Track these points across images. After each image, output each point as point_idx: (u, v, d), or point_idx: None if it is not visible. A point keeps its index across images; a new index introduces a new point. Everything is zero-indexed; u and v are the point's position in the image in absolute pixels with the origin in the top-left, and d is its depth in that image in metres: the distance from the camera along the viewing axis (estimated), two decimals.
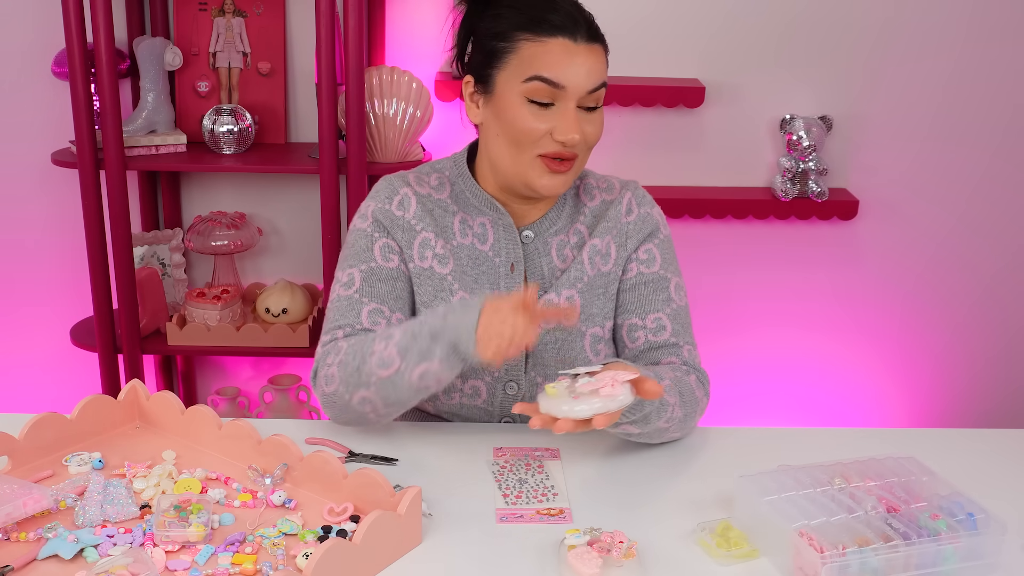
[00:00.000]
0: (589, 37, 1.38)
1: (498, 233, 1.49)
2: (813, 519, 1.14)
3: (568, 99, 1.37)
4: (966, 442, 1.51)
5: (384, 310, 1.43)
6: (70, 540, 1.13)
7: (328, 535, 1.16)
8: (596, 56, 1.38)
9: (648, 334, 1.50)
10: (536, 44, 1.37)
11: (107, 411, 1.40)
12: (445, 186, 1.52)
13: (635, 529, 1.22)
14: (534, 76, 1.36)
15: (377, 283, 1.45)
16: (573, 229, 1.52)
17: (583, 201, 1.54)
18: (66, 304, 2.54)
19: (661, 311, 1.50)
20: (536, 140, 1.38)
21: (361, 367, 1.34)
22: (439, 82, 2.35)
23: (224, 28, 2.36)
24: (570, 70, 1.36)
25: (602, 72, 1.39)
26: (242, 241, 2.38)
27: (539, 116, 1.38)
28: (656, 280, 1.51)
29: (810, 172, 2.44)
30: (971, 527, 1.15)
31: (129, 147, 2.23)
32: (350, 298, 1.44)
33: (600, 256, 1.50)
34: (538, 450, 1.42)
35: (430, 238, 1.47)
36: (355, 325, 1.42)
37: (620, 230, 1.51)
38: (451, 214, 1.50)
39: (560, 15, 1.37)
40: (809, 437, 1.52)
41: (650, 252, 1.52)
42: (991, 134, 2.52)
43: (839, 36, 2.43)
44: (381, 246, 1.46)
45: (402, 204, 1.48)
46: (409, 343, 1.30)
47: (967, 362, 2.72)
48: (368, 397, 1.35)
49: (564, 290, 1.48)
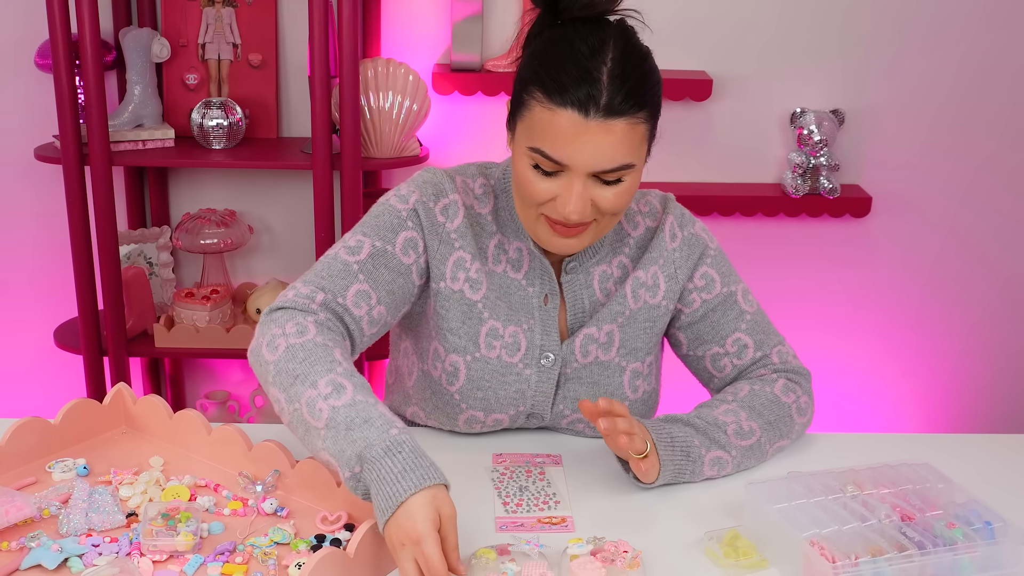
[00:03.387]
0: (609, 112, 1.22)
1: (534, 262, 1.42)
2: (824, 528, 1.14)
3: (574, 174, 1.26)
4: (984, 448, 1.51)
5: (372, 296, 1.33)
6: (54, 549, 1.13)
7: (321, 544, 1.16)
8: (614, 135, 1.23)
9: (732, 359, 1.48)
10: (545, 110, 1.24)
11: (92, 416, 1.40)
12: (488, 198, 1.43)
13: (640, 538, 1.22)
14: (536, 148, 1.26)
15: (382, 268, 1.35)
16: (617, 261, 1.46)
17: (626, 231, 1.47)
18: (50, 305, 2.54)
19: (737, 329, 1.48)
20: (540, 203, 1.30)
21: (297, 383, 1.20)
22: (437, 75, 2.35)
23: (214, 18, 2.36)
24: (574, 149, 1.23)
25: (621, 153, 1.24)
26: (232, 239, 2.38)
27: (545, 181, 1.27)
28: (722, 301, 1.48)
29: (821, 168, 2.44)
30: (989, 536, 1.15)
31: (115, 142, 2.23)
32: (347, 266, 1.33)
33: (646, 289, 1.45)
34: (539, 456, 1.42)
35: (466, 259, 1.39)
36: (338, 298, 1.31)
37: (667, 259, 1.45)
38: (489, 235, 1.42)
39: (577, 81, 1.22)
40: (820, 442, 1.52)
41: (707, 275, 1.47)
42: (1009, 127, 2.52)
43: (852, 26, 2.44)
44: (407, 238, 1.37)
45: (447, 211, 1.39)
46: (344, 421, 1.15)
47: (985, 364, 2.72)
48: (282, 405, 1.22)
49: (605, 324, 1.44)
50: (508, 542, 1.18)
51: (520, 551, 1.15)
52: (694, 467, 1.34)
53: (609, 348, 1.44)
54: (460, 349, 1.41)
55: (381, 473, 1.10)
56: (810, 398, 1.49)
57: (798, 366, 1.51)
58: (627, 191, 1.29)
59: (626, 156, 1.25)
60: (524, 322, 1.42)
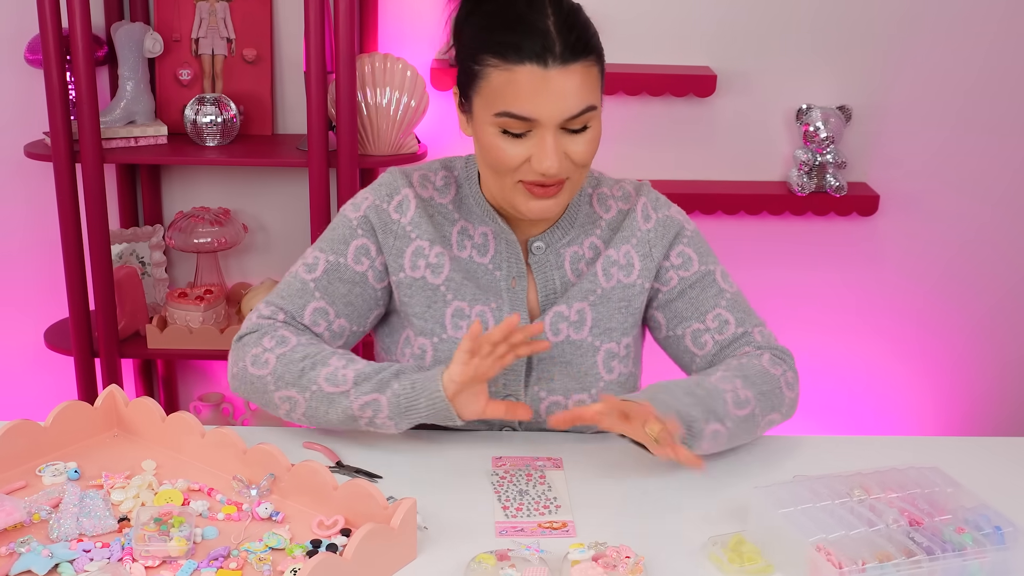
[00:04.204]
0: (565, 58, 1.29)
1: (500, 245, 1.49)
2: (831, 533, 1.14)
3: (544, 128, 1.32)
4: (994, 451, 1.51)
5: (330, 312, 1.46)
6: (44, 555, 1.13)
7: (317, 550, 1.16)
8: (574, 79, 1.30)
9: (714, 335, 1.50)
10: (503, 72, 1.31)
11: (83, 418, 1.40)
12: (450, 188, 1.50)
13: (642, 543, 1.22)
14: (503, 112, 1.31)
15: (337, 282, 1.46)
16: (589, 243, 1.51)
17: (598, 213, 1.52)
18: (40, 305, 2.54)
19: (717, 306, 1.51)
20: (515, 168, 1.35)
21: (306, 372, 1.38)
22: (435, 70, 2.35)
23: (207, 13, 2.36)
24: (540, 101, 1.30)
25: (584, 96, 1.31)
26: (226, 238, 2.38)
27: (515, 145, 1.34)
28: (700, 278, 1.51)
29: (828, 165, 2.45)
30: (999, 541, 1.15)
31: (107, 139, 2.23)
32: (304, 284, 1.46)
33: (618, 267, 1.49)
34: (539, 459, 1.42)
35: (424, 246, 1.46)
36: (297, 316, 1.45)
37: (641, 239, 1.50)
38: (451, 223, 1.49)
39: (528, 36, 1.29)
40: (826, 445, 1.52)
41: (683, 254, 1.51)
42: (1021, 125, 2.52)
43: (859, 19, 2.43)
44: (358, 246, 1.47)
45: (400, 207, 1.47)
46: (369, 372, 1.37)
47: (995, 366, 2.72)
48: (295, 399, 1.39)
49: (576, 303, 1.47)
50: (508, 547, 1.18)
51: (520, 557, 1.16)
52: (693, 443, 1.35)
53: (581, 327, 1.48)
54: (427, 332, 1.47)
55: (418, 378, 1.34)
56: (795, 375, 1.50)
57: (778, 345, 1.53)
58: (594, 138, 1.36)
59: (588, 98, 1.33)
60: (492, 301, 1.47)
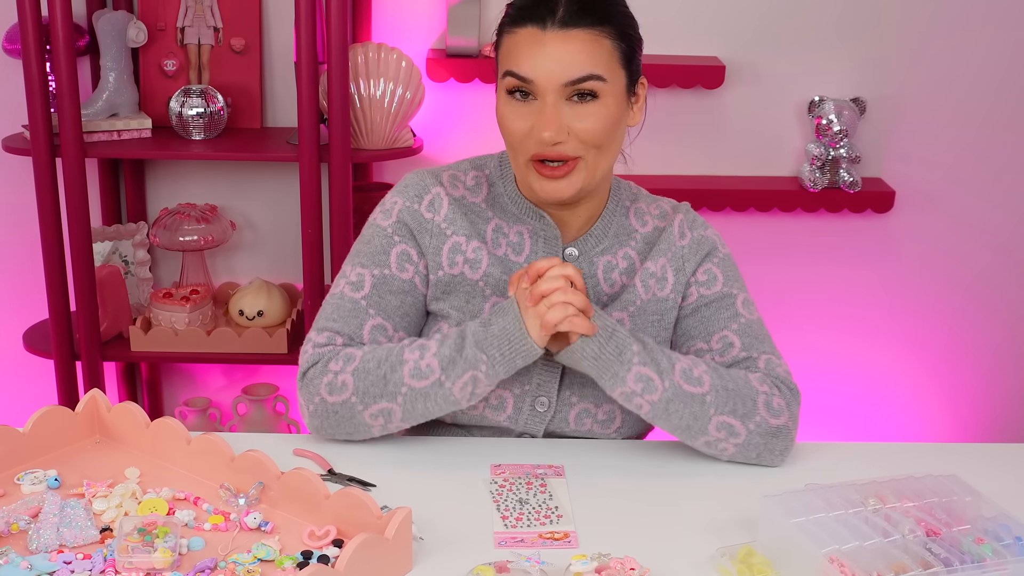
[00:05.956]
0: (565, 22, 1.34)
1: (536, 244, 1.49)
2: (845, 544, 1.14)
3: (543, 93, 1.35)
4: (1015, 458, 1.52)
5: (388, 327, 1.46)
6: (23, 567, 1.13)
7: (308, 561, 1.16)
8: (573, 44, 1.34)
9: (715, 356, 1.48)
10: (510, 36, 1.38)
11: (64, 424, 1.40)
12: (482, 187, 1.52)
13: (648, 555, 1.22)
14: (506, 72, 1.38)
15: (387, 294, 1.46)
16: (622, 253, 1.52)
17: (634, 226, 1.53)
18: (19, 306, 2.54)
19: (727, 328, 1.49)
20: (521, 141, 1.39)
21: (389, 376, 1.38)
22: (431, 60, 2.35)
23: (193, 1, 2.36)
24: (536, 61, 1.34)
25: (584, 64, 1.34)
26: (213, 236, 2.38)
27: (520, 113, 1.38)
28: (719, 299, 1.51)
29: (841, 160, 2.45)
30: (1019, 552, 1.15)
31: (88, 132, 2.23)
32: (356, 303, 1.45)
33: (655, 280, 1.50)
34: (540, 467, 1.42)
35: (461, 241, 1.47)
36: (355, 337, 1.45)
37: (675, 254, 1.51)
38: (485, 220, 1.50)
39: (536, 1, 1.36)
40: (840, 452, 1.52)
41: (710, 272, 1.52)
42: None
43: (874, 6, 2.44)
44: (399, 253, 1.47)
45: (432, 205, 1.48)
46: (451, 353, 1.36)
47: (1015, 369, 2.72)
48: (389, 409, 1.39)
49: (615, 312, 1.48)
50: (507, 559, 1.18)
51: (520, 568, 1.16)
52: (618, 370, 1.36)
53: None
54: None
55: (495, 336, 1.35)
56: (790, 412, 1.43)
57: (787, 379, 1.48)
58: (602, 115, 1.37)
59: (589, 66, 1.34)
60: None
